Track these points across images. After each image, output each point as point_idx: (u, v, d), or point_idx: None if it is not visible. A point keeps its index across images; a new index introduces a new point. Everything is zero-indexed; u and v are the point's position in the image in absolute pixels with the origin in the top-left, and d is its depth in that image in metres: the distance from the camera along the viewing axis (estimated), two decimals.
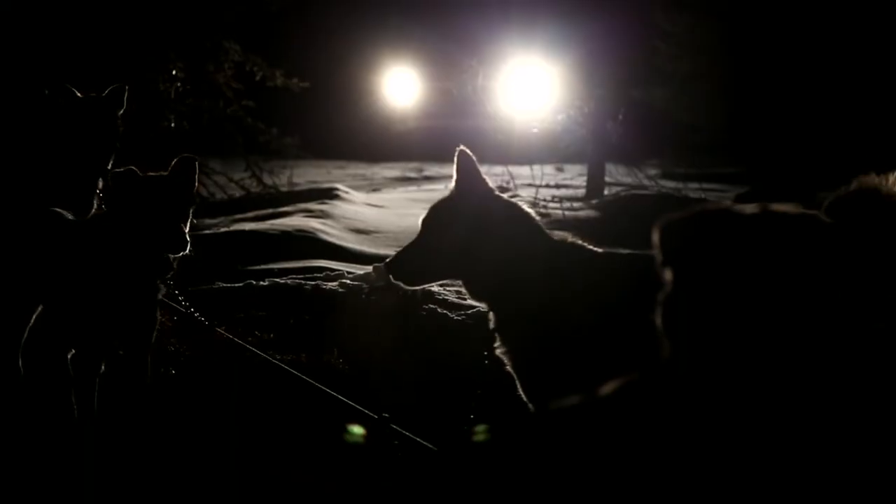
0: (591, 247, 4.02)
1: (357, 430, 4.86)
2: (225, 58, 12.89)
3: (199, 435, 4.92)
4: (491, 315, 4.06)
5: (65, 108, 5.69)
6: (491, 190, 4.14)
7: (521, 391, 4.00)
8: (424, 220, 4.18)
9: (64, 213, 4.94)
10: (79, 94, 5.73)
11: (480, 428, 5.19)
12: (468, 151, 4.11)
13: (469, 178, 4.12)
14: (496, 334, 4.03)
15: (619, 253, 4.05)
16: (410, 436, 4.49)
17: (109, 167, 5.72)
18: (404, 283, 4.22)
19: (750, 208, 2.68)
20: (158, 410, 4.98)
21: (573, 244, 4.03)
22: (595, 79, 15.08)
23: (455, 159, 4.12)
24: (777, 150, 17.82)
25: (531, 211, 4.15)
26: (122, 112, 5.81)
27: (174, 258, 4.68)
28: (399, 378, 5.86)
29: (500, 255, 4.00)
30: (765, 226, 2.65)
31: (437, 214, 4.17)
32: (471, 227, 4.05)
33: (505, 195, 4.21)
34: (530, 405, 3.93)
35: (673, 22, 14.91)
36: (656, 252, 2.77)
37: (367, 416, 4.75)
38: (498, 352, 4.02)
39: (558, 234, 4.11)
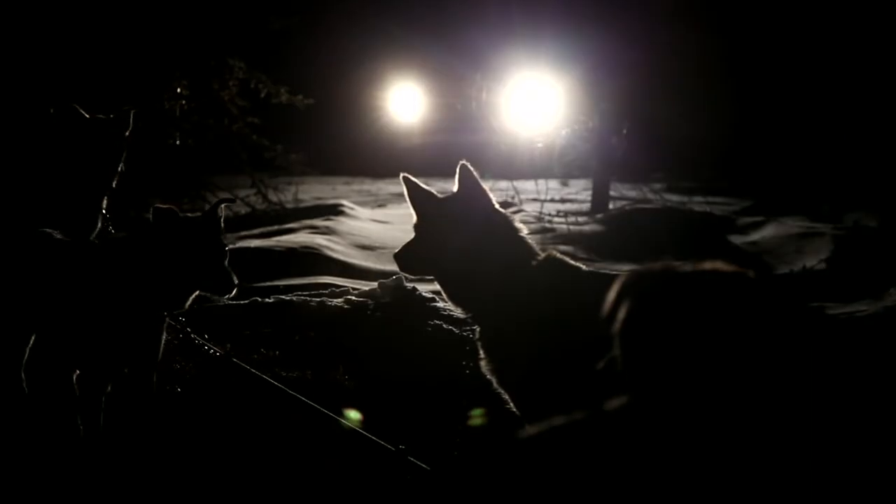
0: (576, 264, 4.06)
1: (354, 415, 4.89)
2: (230, 75, 12.92)
3: (203, 456, 4.91)
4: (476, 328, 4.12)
5: (71, 128, 5.65)
6: (490, 201, 4.20)
7: (512, 406, 4.02)
8: (425, 213, 4.28)
9: (60, 234, 4.94)
10: (86, 115, 5.69)
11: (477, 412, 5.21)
12: (469, 166, 4.21)
13: (469, 187, 4.18)
14: (480, 347, 4.07)
15: (603, 272, 4.09)
16: (426, 467, 4.48)
17: (114, 186, 5.71)
18: (408, 272, 4.48)
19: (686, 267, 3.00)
20: (163, 429, 4.98)
21: (559, 261, 4.06)
22: (599, 92, 15.06)
23: (457, 172, 4.22)
24: (781, 162, 17.82)
25: (521, 225, 4.19)
26: (128, 133, 5.76)
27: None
28: (404, 394, 5.87)
29: (478, 264, 4.05)
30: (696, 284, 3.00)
31: (435, 210, 4.27)
32: (455, 230, 4.13)
33: (508, 210, 4.28)
34: (523, 419, 3.95)
35: (678, 37, 14.91)
36: (608, 306, 3.07)
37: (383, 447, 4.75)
38: (483, 367, 4.05)
39: (547, 250, 4.13)
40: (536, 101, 15.63)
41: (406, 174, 4.38)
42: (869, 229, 12.56)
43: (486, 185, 4.19)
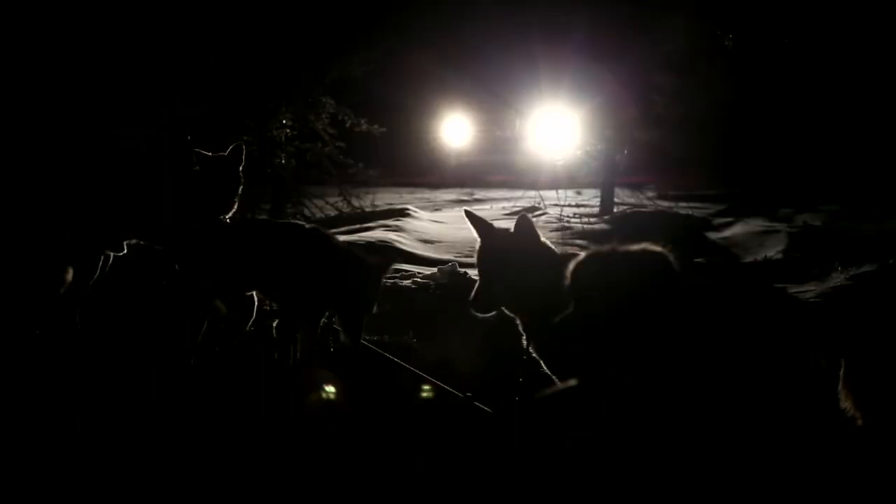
0: None
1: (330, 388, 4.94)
2: (322, 109, 13.02)
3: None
4: (518, 320, 4.12)
5: (199, 165, 5.68)
6: (542, 242, 4.15)
7: (545, 369, 4.06)
8: (484, 265, 4.23)
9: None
10: (208, 154, 5.71)
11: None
12: (529, 217, 4.20)
13: (525, 235, 4.14)
14: (524, 333, 4.10)
15: None
16: (487, 409, 4.52)
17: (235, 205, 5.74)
18: (481, 313, 4.23)
19: (632, 248, 3.24)
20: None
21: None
22: (605, 123, 15.05)
23: (516, 221, 4.15)
24: (747, 177, 17.73)
25: (552, 245, 4.16)
26: (242, 166, 5.75)
27: None
28: (459, 353, 5.89)
29: (536, 287, 4.02)
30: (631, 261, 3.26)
31: (496, 262, 4.19)
32: (524, 272, 4.07)
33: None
34: (553, 377, 4.00)
35: (665, 79, 14.85)
36: (570, 275, 3.28)
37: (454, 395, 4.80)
38: (525, 345, 4.09)
39: (563, 249, 4.15)
40: (557, 129, 15.62)
41: (468, 209, 4.37)
42: (815, 228, 12.49)
43: (518, 195, 4.20)
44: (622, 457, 3.39)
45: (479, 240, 4.25)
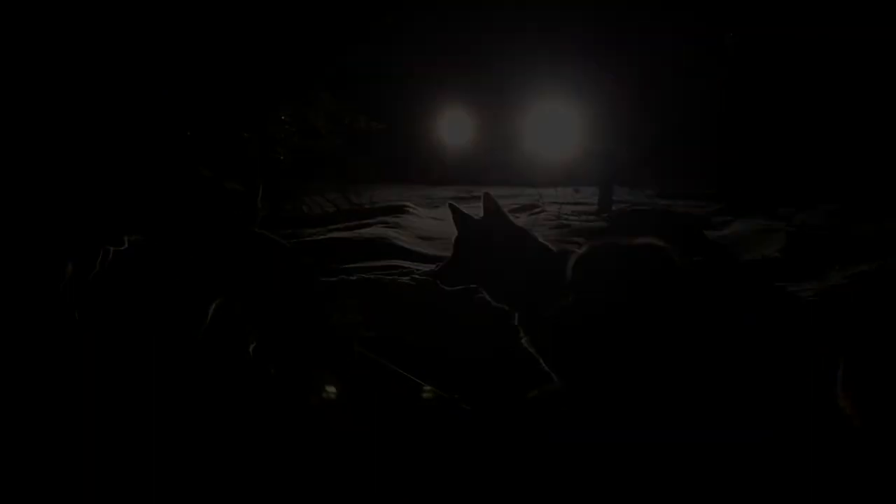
0: None
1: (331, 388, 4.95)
2: (321, 106, 13.00)
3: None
4: (515, 314, 4.14)
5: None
6: (511, 222, 4.23)
7: (544, 366, 4.07)
8: (458, 242, 4.32)
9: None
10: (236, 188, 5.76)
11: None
12: (491, 194, 4.33)
13: (494, 213, 4.19)
14: (519, 328, 4.12)
15: None
16: (474, 411, 4.53)
17: None
18: (447, 286, 4.43)
19: (635, 242, 3.28)
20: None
21: (570, 253, 4.08)
22: (605, 121, 15.07)
23: (482, 200, 4.31)
24: (744, 176, 17.76)
25: (536, 234, 4.21)
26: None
27: None
28: (457, 350, 5.90)
29: (512, 270, 4.06)
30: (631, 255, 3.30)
31: (469, 239, 4.29)
32: (492, 249, 4.15)
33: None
34: (553, 375, 4.01)
35: (664, 77, 14.88)
36: (572, 265, 3.32)
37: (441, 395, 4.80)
38: (523, 341, 4.09)
39: (561, 246, 4.16)
40: (556, 127, 15.63)
41: (452, 202, 4.46)
42: (814, 227, 12.50)
43: (517, 192, 4.23)
44: (620, 455, 3.39)
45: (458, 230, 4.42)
